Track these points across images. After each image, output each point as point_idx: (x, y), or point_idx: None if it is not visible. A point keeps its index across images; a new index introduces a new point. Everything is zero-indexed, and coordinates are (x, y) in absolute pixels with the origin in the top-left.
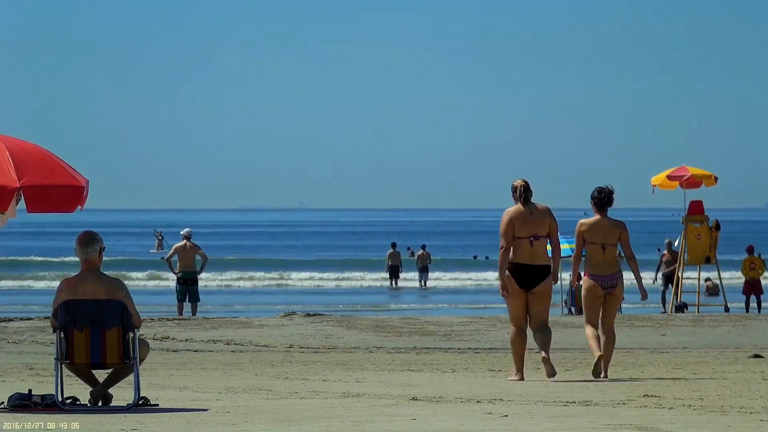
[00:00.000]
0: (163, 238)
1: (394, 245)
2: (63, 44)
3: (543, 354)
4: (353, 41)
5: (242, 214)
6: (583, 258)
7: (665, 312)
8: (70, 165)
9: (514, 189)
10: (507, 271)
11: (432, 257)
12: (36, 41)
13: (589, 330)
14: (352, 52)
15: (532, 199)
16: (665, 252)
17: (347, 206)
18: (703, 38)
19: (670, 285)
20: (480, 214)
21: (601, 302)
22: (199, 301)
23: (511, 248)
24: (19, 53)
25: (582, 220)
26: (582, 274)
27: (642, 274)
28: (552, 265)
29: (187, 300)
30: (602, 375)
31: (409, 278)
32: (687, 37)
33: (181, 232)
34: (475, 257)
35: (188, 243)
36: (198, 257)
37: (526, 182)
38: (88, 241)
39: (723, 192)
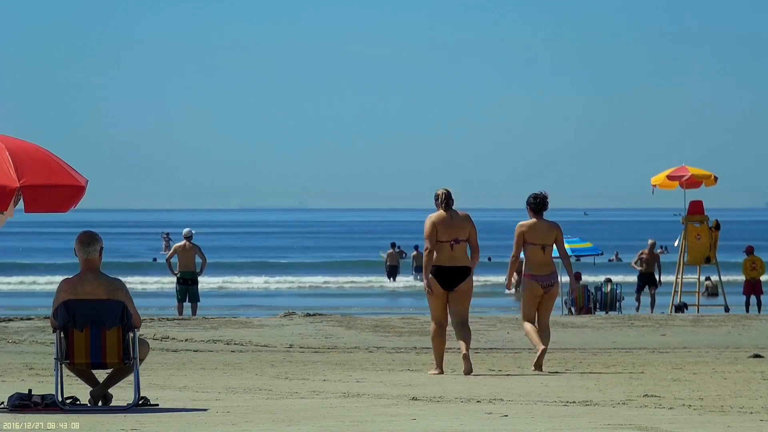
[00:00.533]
0: (171, 240)
1: (393, 245)
2: (63, 44)
3: (463, 351)
4: (354, 41)
5: (242, 214)
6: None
7: (637, 312)
8: (69, 165)
9: (437, 197)
10: (430, 273)
11: None
12: (36, 41)
13: (527, 326)
14: (353, 52)
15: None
16: (644, 251)
17: (347, 206)
18: (703, 38)
19: (647, 286)
20: (480, 215)
21: (539, 300)
22: (199, 301)
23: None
24: (19, 53)
25: (521, 223)
26: (522, 274)
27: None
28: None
29: (187, 300)
30: (535, 367)
31: (408, 278)
32: (687, 37)
33: (182, 232)
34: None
35: (188, 243)
36: (198, 258)
37: (447, 191)
38: (89, 240)
39: (723, 192)
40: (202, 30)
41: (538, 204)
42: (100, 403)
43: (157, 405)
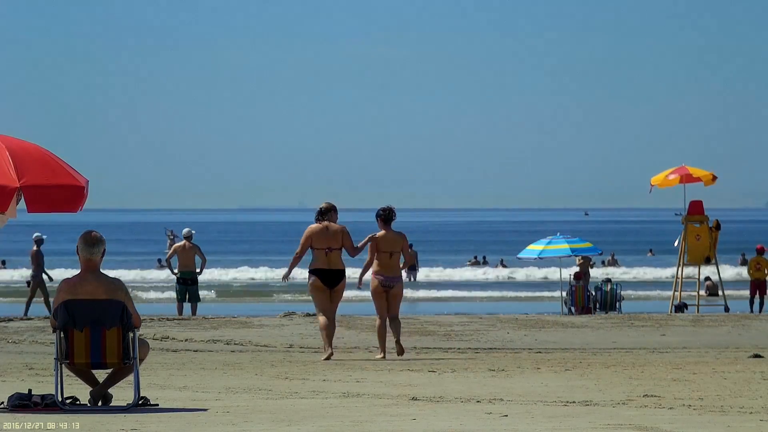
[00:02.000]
0: (175, 236)
1: None
2: (63, 44)
3: (329, 349)
4: (354, 41)
5: (242, 214)
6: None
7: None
8: (70, 165)
9: (319, 210)
10: (313, 275)
11: (432, 257)
12: (36, 41)
13: (380, 321)
14: (353, 52)
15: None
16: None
17: (347, 206)
18: (703, 38)
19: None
20: (480, 215)
21: (385, 297)
22: (199, 300)
23: (312, 256)
24: (19, 53)
25: (373, 234)
26: (370, 274)
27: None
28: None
29: (187, 300)
30: (402, 353)
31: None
32: (687, 37)
33: (182, 232)
34: (475, 258)
35: (188, 243)
36: (197, 258)
37: (328, 205)
38: (94, 242)
39: (723, 192)
40: (201, 29)
41: (387, 216)
42: (100, 403)
43: (157, 405)
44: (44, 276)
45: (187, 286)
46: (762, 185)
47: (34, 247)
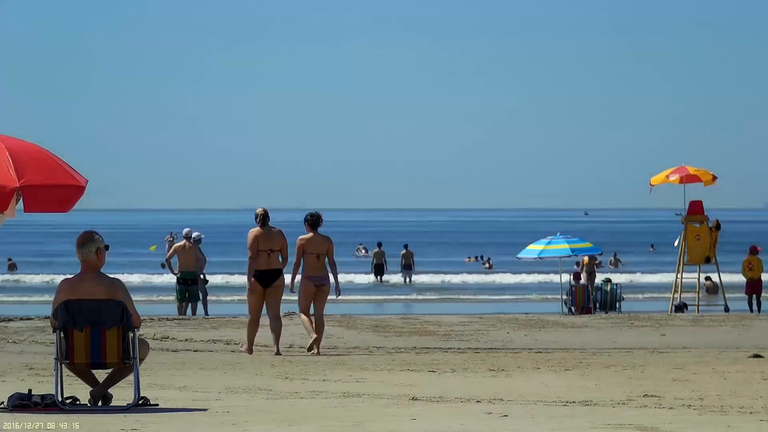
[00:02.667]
0: (174, 238)
1: (380, 245)
2: (63, 43)
3: (274, 347)
4: (355, 41)
5: (243, 214)
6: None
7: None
8: (69, 165)
9: (256, 216)
10: (252, 277)
11: (431, 258)
12: (36, 40)
13: (303, 317)
14: (354, 52)
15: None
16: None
17: (347, 206)
18: (703, 38)
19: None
20: (479, 215)
21: (313, 296)
22: (199, 300)
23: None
24: (19, 53)
25: (302, 236)
26: (300, 275)
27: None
28: (283, 269)
29: (186, 300)
30: (316, 351)
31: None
32: (687, 37)
33: (182, 232)
34: (471, 258)
35: (188, 243)
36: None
37: (265, 210)
38: (83, 242)
39: (723, 192)
40: (200, 29)
41: (314, 221)
42: (100, 403)
43: (157, 405)
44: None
45: (188, 287)
46: (762, 185)
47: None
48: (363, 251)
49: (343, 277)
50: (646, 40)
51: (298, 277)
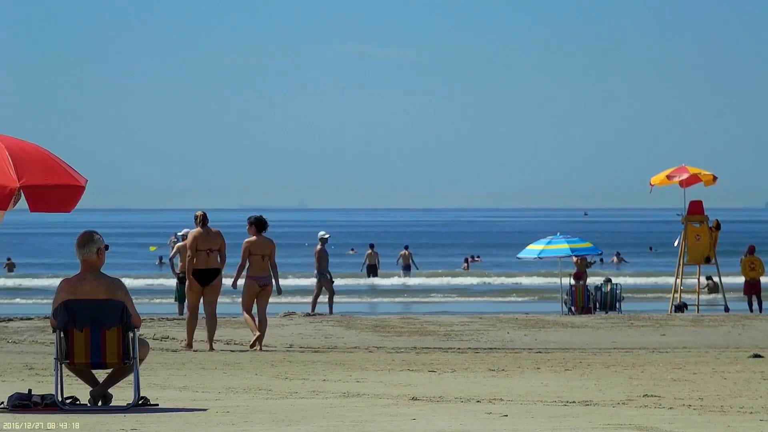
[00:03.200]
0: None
1: (372, 246)
2: (63, 43)
3: (208, 341)
4: (355, 40)
5: (242, 213)
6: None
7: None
8: (69, 165)
9: (196, 217)
10: (191, 275)
11: (430, 259)
12: (36, 40)
13: (247, 315)
14: (353, 52)
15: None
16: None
17: (347, 206)
18: (702, 38)
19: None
20: (479, 215)
21: (256, 295)
22: (183, 301)
23: (195, 258)
24: (19, 53)
25: (247, 239)
26: (246, 275)
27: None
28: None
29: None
30: (258, 348)
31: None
32: (687, 37)
33: (180, 233)
34: (471, 257)
35: (180, 243)
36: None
37: (204, 213)
38: (84, 242)
39: (723, 192)
40: (200, 28)
41: (260, 224)
42: (100, 403)
43: (157, 405)
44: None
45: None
46: (762, 185)
47: (319, 246)
48: (351, 252)
49: (342, 278)
50: (647, 39)
51: (242, 280)
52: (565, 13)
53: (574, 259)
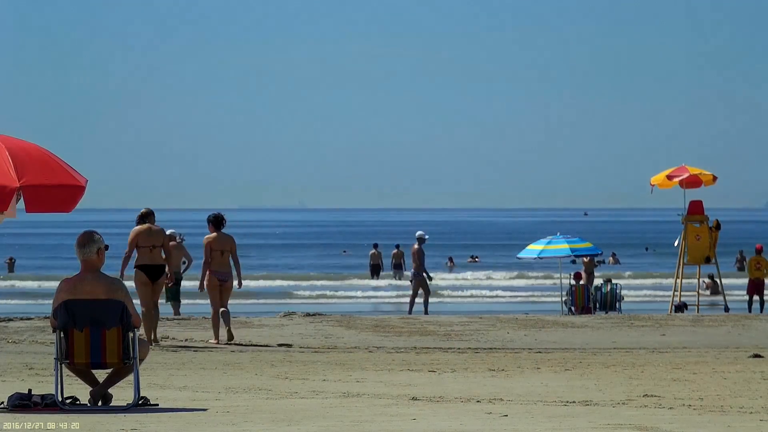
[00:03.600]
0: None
1: (375, 246)
2: (63, 43)
3: (154, 336)
4: (355, 40)
5: (242, 213)
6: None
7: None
8: (69, 165)
9: (140, 215)
10: (139, 270)
11: (429, 258)
12: (36, 40)
13: (213, 310)
14: (353, 52)
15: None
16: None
17: (347, 206)
18: (702, 38)
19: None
20: (478, 215)
21: (219, 290)
22: (178, 300)
23: (137, 254)
24: (19, 52)
25: (207, 236)
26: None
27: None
28: (167, 265)
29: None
30: (232, 339)
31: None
32: (688, 37)
33: (167, 232)
34: (472, 257)
35: (174, 243)
36: (183, 258)
37: (148, 210)
38: (85, 242)
39: (723, 192)
40: (201, 29)
41: (218, 221)
42: (100, 403)
43: (157, 405)
44: (424, 274)
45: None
46: (762, 185)
47: (416, 245)
48: (343, 252)
49: (342, 279)
50: (647, 39)
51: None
52: (566, 13)
53: (585, 259)
